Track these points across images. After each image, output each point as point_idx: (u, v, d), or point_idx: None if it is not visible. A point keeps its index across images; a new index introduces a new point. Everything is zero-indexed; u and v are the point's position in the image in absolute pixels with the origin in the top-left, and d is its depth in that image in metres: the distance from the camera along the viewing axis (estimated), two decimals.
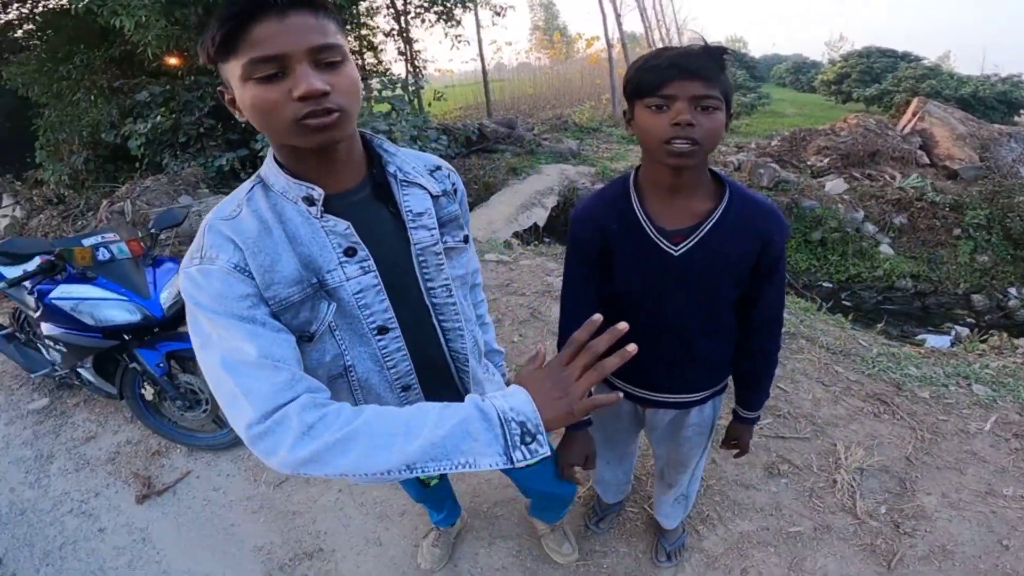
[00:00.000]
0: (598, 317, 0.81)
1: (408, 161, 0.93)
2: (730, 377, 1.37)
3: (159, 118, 5.91)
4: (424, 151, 1.06)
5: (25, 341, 2.92)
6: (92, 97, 6.59)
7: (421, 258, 0.92)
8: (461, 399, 0.78)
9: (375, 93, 6.83)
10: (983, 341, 3.47)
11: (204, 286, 0.76)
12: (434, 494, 1.51)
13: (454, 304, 0.97)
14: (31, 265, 2.35)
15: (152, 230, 2.46)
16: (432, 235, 0.92)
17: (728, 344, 1.24)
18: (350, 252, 0.84)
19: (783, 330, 3.21)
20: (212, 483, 2.33)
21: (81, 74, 6.44)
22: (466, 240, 1.01)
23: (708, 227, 1.05)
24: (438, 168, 0.99)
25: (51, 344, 2.40)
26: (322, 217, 0.82)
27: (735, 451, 1.47)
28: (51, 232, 5.43)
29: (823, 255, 6.15)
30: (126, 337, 2.25)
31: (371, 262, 0.86)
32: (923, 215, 6.42)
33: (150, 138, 6.00)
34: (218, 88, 0.81)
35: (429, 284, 0.94)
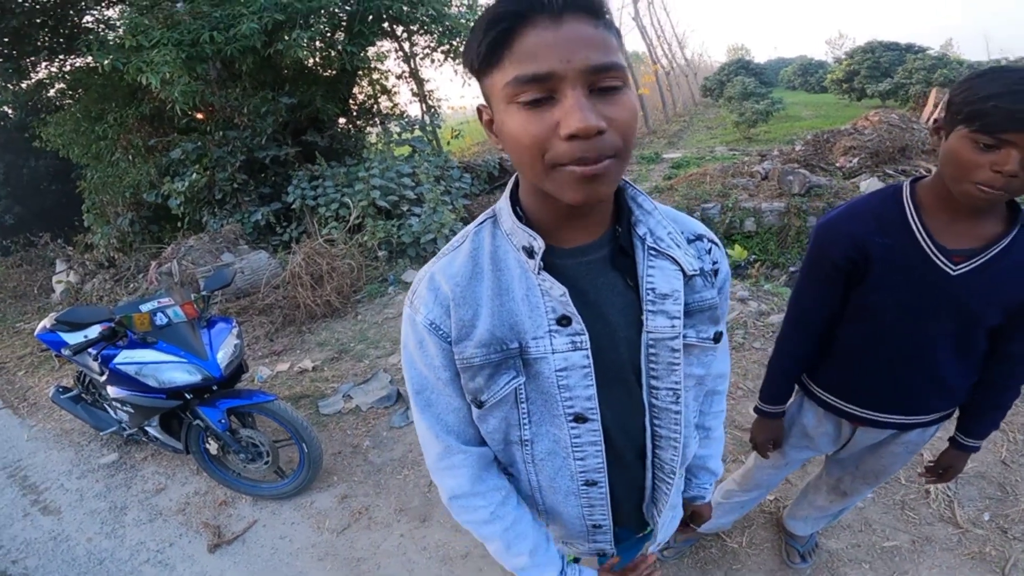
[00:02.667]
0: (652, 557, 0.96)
1: (663, 224, 0.75)
2: None
3: (194, 175, 6.13)
4: (449, 192, 0.98)
5: (91, 402, 3.04)
6: (130, 156, 6.82)
7: (652, 350, 0.75)
8: (640, 515, 0.94)
9: (395, 136, 7.00)
10: None
11: (408, 331, 0.79)
12: None
13: (678, 412, 0.79)
14: (92, 331, 2.47)
15: (204, 292, 2.55)
16: (673, 326, 0.74)
17: (974, 372, 1.18)
18: (563, 321, 0.71)
19: None
20: (278, 531, 2.36)
21: (116, 133, 6.64)
22: (717, 339, 0.80)
23: (996, 251, 1.00)
24: (699, 238, 0.80)
25: (118, 405, 2.50)
26: (539, 274, 0.70)
27: (938, 478, 1.38)
28: (105, 296, 5.66)
29: None
30: (188, 396, 2.32)
31: (585, 338, 0.72)
32: None
33: (188, 196, 6.23)
34: (477, 107, 0.68)
35: (653, 383, 0.78)
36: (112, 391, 2.38)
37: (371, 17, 6.27)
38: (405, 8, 6.30)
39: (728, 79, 20.78)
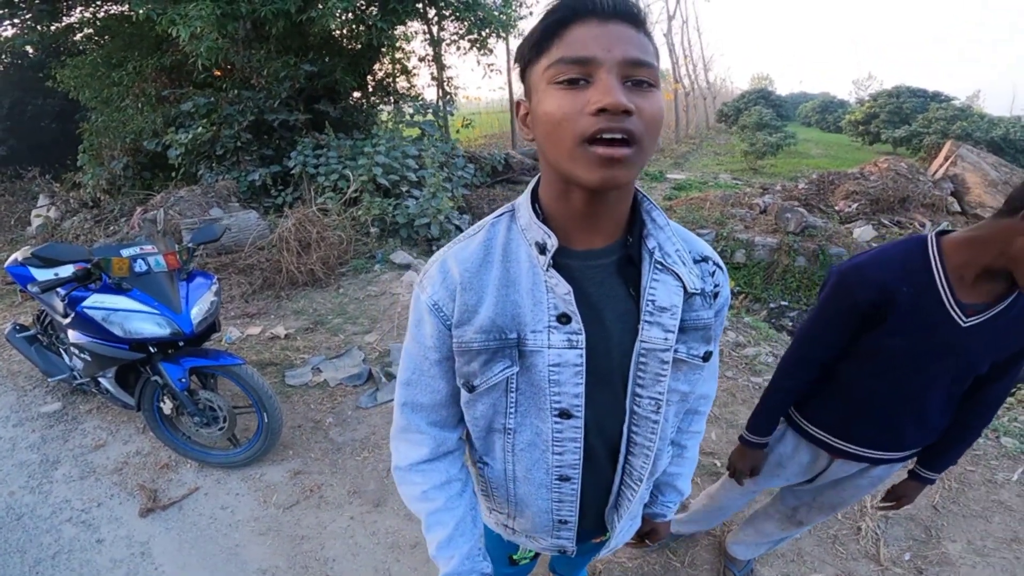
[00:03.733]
0: None
1: (672, 240, 0.79)
2: None
3: (200, 129, 6.08)
4: (451, 179, 1.01)
5: (47, 344, 2.95)
6: (140, 104, 6.79)
7: (642, 359, 0.78)
8: (601, 520, 0.95)
9: (407, 117, 6.94)
10: (1012, 395, 3.37)
11: (413, 307, 0.83)
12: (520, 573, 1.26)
13: (656, 423, 0.82)
14: (64, 270, 2.39)
15: (189, 244, 2.48)
16: (666, 339, 0.77)
17: (952, 413, 1.28)
18: (563, 319, 0.74)
19: None
20: (220, 501, 2.31)
21: (132, 80, 6.62)
22: (706, 358, 0.83)
23: (1001, 307, 1.10)
24: (704, 260, 0.83)
25: (76, 352, 2.42)
26: (547, 270, 0.74)
27: (891, 505, 1.50)
28: (83, 235, 5.56)
29: None
30: (152, 350, 2.26)
31: (582, 338, 0.75)
32: None
33: (189, 148, 6.16)
34: (516, 101, 0.74)
35: (638, 391, 0.80)
36: (73, 335, 2.31)
37: None
38: None
39: (746, 107, 20.84)
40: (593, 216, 0.73)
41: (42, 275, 2.53)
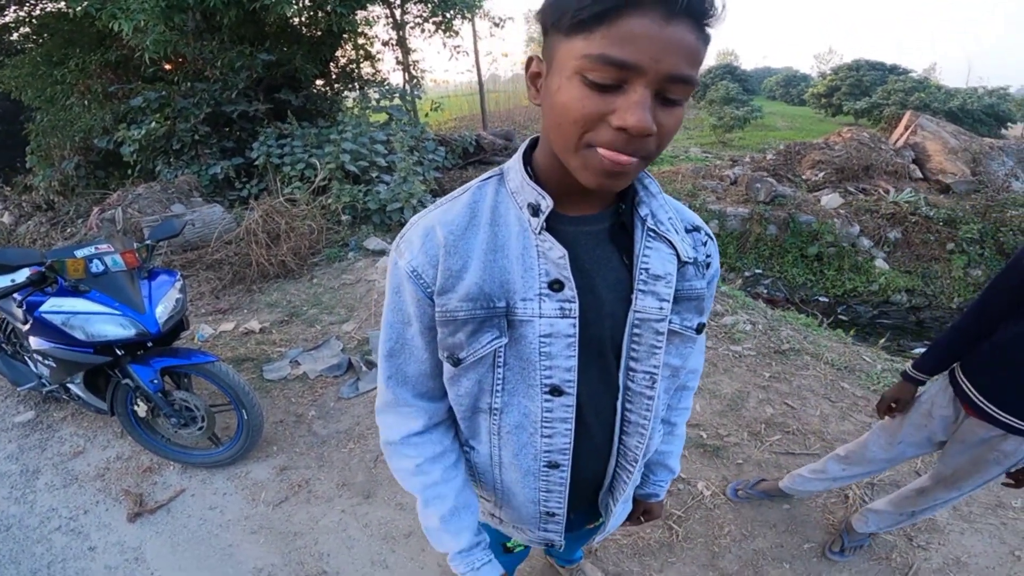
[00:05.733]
0: None
1: (665, 208, 0.76)
2: None
3: (153, 124, 5.84)
4: (422, 163, 0.95)
5: (11, 353, 2.83)
6: (86, 102, 6.52)
7: (636, 331, 0.75)
8: (594, 504, 0.94)
9: (372, 103, 6.79)
10: None
11: (390, 274, 0.77)
12: (512, 562, 1.19)
13: (651, 398, 0.79)
14: (20, 275, 2.27)
15: (148, 241, 2.38)
16: (661, 308, 0.74)
17: None
18: (555, 286, 0.70)
19: (790, 347, 3.19)
20: (208, 502, 2.25)
21: (76, 78, 6.34)
22: (699, 330, 0.81)
23: None
24: (696, 229, 0.81)
25: (39, 358, 2.31)
26: (540, 234, 0.69)
27: (1013, 484, 1.50)
28: (40, 239, 5.31)
29: (819, 270, 6.15)
30: (119, 352, 2.17)
31: (575, 306, 0.70)
32: (917, 230, 6.45)
33: (143, 144, 5.93)
34: (529, 56, 0.65)
35: (632, 364, 0.77)
36: (34, 342, 2.20)
37: None
38: None
39: (712, 82, 21.01)
40: (589, 191, 0.69)
41: None
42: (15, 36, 7.04)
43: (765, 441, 2.50)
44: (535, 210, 0.69)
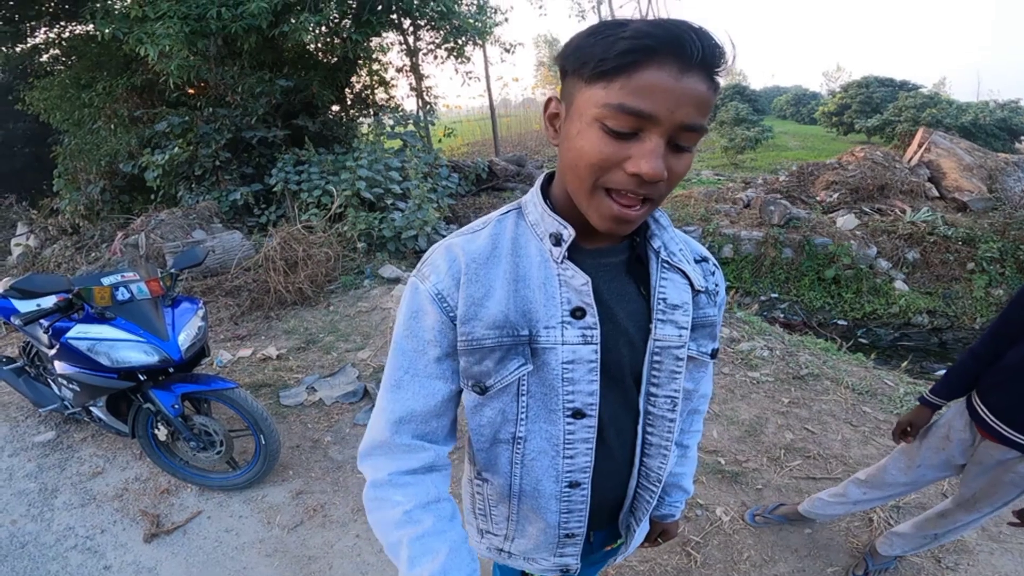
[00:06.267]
0: None
1: (676, 240, 0.80)
2: None
3: (176, 149, 5.98)
4: (436, 190, 0.96)
5: (35, 375, 2.89)
6: (112, 126, 6.67)
7: (657, 358, 0.77)
8: (614, 526, 0.94)
9: (387, 128, 6.93)
10: None
11: (408, 300, 0.76)
12: None
13: (672, 421, 0.81)
14: (45, 301, 2.33)
15: (172, 270, 2.44)
16: (680, 336, 0.77)
17: None
18: (577, 313, 0.71)
19: (808, 372, 3.15)
20: (224, 524, 2.27)
21: (103, 101, 6.51)
22: (714, 355, 0.84)
23: None
24: (704, 260, 0.85)
25: (64, 382, 2.37)
26: (562, 263, 0.71)
27: (1020, 523, 1.48)
28: (64, 263, 5.44)
29: (837, 293, 6.08)
30: (141, 378, 2.21)
31: (597, 332, 0.72)
32: (936, 249, 6.38)
33: (167, 169, 6.06)
34: (548, 97, 0.69)
35: (653, 390, 0.79)
36: (59, 366, 2.25)
37: (380, 7, 6.20)
38: (416, 1, 6.27)
39: (722, 103, 21.10)
40: None
41: (24, 307, 2.48)
42: (45, 58, 7.20)
43: (785, 466, 2.46)
44: (557, 240, 0.71)
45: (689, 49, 0.55)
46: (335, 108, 7.56)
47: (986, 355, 1.46)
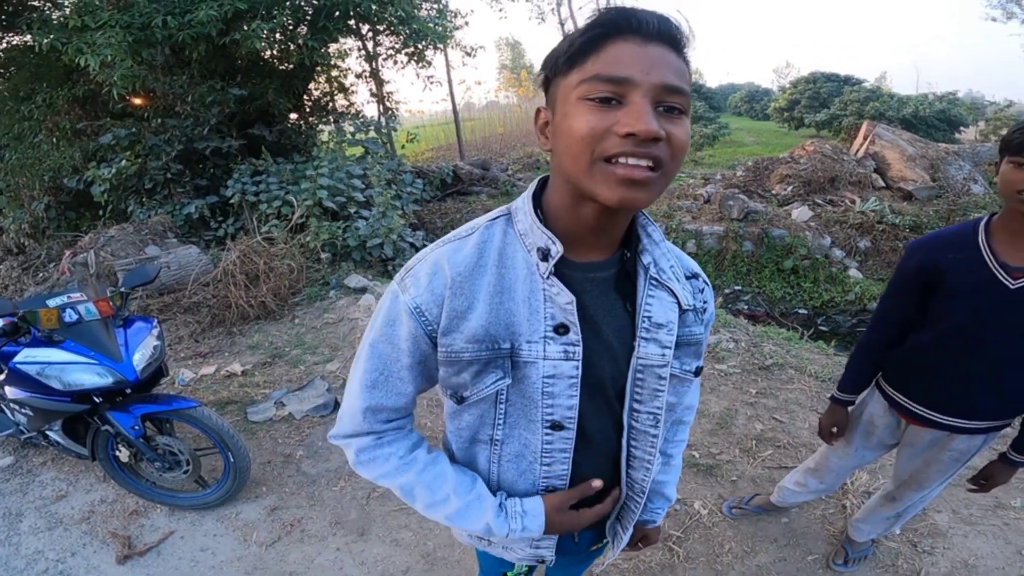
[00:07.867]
0: (598, 483, 0.85)
1: (667, 256, 0.79)
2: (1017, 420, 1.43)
3: (124, 162, 5.76)
4: (400, 196, 0.96)
5: None
6: (54, 139, 6.39)
7: (639, 375, 0.78)
8: (599, 529, 0.98)
9: (348, 136, 6.82)
10: None
11: (386, 307, 0.77)
12: None
13: (655, 436, 0.82)
14: None
15: (122, 289, 2.34)
16: (663, 355, 0.77)
17: None
18: (560, 329, 0.72)
19: (773, 363, 3.24)
20: (198, 543, 2.20)
21: (43, 114, 6.23)
22: (697, 373, 0.84)
23: None
24: (695, 276, 0.84)
25: (16, 407, 2.25)
26: (548, 278, 0.71)
27: (976, 488, 1.51)
28: (11, 284, 5.16)
29: (796, 283, 6.27)
30: (97, 400, 2.12)
31: (579, 349, 0.72)
32: (885, 237, 6.66)
33: (114, 184, 5.83)
34: (536, 109, 0.71)
35: (636, 406, 0.80)
36: (10, 392, 2.14)
37: (337, 13, 6.10)
38: (374, 7, 6.16)
39: None
40: (601, 230, 0.72)
41: None
42: None
43: (757, 457, 2.52)
44: (544, 255, 0.71)
45: (646, 21, 0.59)
46: (293, 116, 7.40)
47: (875, 344, 1.49)
